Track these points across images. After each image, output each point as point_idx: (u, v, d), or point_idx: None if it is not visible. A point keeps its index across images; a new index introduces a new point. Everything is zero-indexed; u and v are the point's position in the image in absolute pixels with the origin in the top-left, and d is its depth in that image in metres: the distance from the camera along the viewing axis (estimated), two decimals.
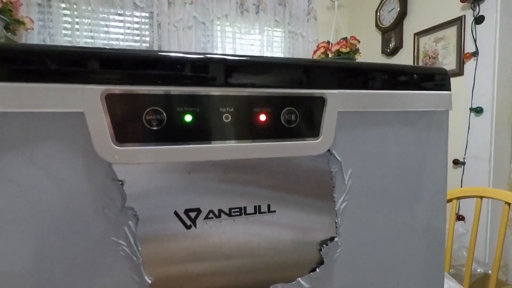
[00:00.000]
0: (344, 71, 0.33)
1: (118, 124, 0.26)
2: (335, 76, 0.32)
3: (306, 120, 0.31)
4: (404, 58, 2.02)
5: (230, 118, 0.28)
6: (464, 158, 1.67)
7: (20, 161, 0.24)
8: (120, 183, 0.26)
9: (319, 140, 0.31)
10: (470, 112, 1.64)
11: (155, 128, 0.26)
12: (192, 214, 0.29)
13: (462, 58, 1.66)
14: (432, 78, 0.36)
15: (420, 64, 1.91)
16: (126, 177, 0.27)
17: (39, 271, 0.25)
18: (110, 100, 0.25)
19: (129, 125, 0.26)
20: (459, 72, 1.68)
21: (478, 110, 1.61)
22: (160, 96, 0.27)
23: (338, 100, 0.32)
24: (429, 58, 1.85)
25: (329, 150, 0.32)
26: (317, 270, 0.32)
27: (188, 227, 0.29)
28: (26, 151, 0.24)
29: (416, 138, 0.35)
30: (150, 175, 0.27)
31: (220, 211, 0.29)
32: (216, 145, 0.28)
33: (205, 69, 0.28)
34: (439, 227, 0.38)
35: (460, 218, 1.65)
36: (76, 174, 0.25)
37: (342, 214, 0.33)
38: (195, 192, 0.28)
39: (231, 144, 0.28)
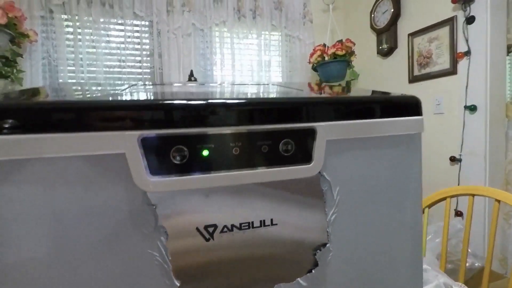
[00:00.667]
0: (331, 105, 0.39)
1: (152, 161, 0.32)
2: (323, 110, 0.39)
3: (300, 149, 0.38)
4: (399, 58, 2.07)
5: (238, 151, 0.35)
6: (460, 155, 1.73)
7: (77, 193, 0.31)
8: (154, 207, 0.33)
9: (311, 164, 0.38)
10: (465, 110, 1.69)
11: (179, 163, 0.33)
12: (210, 229, 0.35)
13: (455, 57, 1.71)
14: (406, 106, 0.43)
15: (415, 64, 1.96)
16: (158, 202, 0.33)
17: (93, 277, 0.32)
18: (145, 142, 0.32)
19: (160, 161, 0.33)
20: (453, 71, 1.74)
21: (472, 108, 1.67)
22: (183, 136, 0.33)
23: (326, 131, 0.38)
24: (424, 58, 1.90)
25: (319, 172, 0.39)
26: (313, 271, 0.39)
27: (207, 240, 0.35)
28: (81, 186, 0.31)
29: (393, 158, 0.42)
30: (177, 199, 0.34)
31: (232, 226, 0.36)
32: (228, 173, 0.35)
33: (218, 112, 0.35)
34: (416, 232, 0.45)
35: (458, 214, 1.71)
36: (119, 201, 0.32)
37: (333, 224, 0.40)
38: (212, 211, 0.35)
39: (240, 172, 0.35)
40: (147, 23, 2.02)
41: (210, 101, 0.35)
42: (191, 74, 1.91)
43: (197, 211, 0.35)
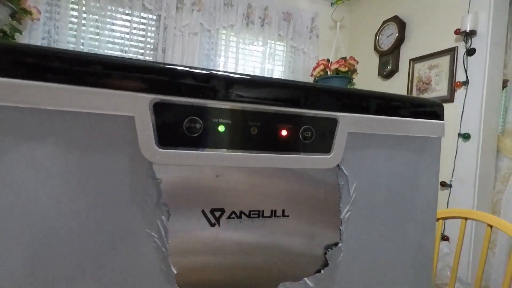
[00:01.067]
0: (355, 97, 0.37)
1: (162, 129, 0.29)
2: (347, 101, 0.37)
3: (320, 138, 0.35)
4: (399, 81, 2.11)
5: (257, 131, 0.32)
6: (451, 180, 1.74)
7: (75, 153, 0.27)
8: (158, 181, 0.30)
9: (330, 155, 0.35)
10: (458, 138, 1.72)
11: (192, 135, 0.30)
12: (217, 214, 0.32)
13: (453, 86, 1.75)
14: (429, 108, 0.41)
15: (414, 88, 2.00)
16: (164, 176, 0.30)
17: (80, 251, 0.28)
18: (157, 108, 0.29)
19: (171, 131, 0.30)
20: (450, 99, 1.78)
21: (466, 136, 1.70)
22: (199, 107, 0.30)
23: (348, 122, 0.36)
24: (423, 83, 1.94)
25: (338, 165, 0.36)
26: (322, 271, 0.36)
27: (212, 225, 0.32)
28: (79, 145, 0.27)
29: (413, 159, 0.40)
30: (184, 176, 0.31)
31: (241, 212, 0.33)
32: (243, 153, 0.32)
33: (240, 87, 0.32)
34: (428, 241, 0.42)
35: (445, 238, 1.71)
36: (121, 169, 0.29)
37: (346, 223, 0.37)
38: (221, 194, 0.32)
39: (256, 154, 0.32)
40: (154, 17, 2.00)
41: (233, 75, 0.32)
42: None
43: (205, 192, 0.32)
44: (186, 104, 0.30)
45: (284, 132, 0.34)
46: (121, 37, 1.94)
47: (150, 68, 0.29)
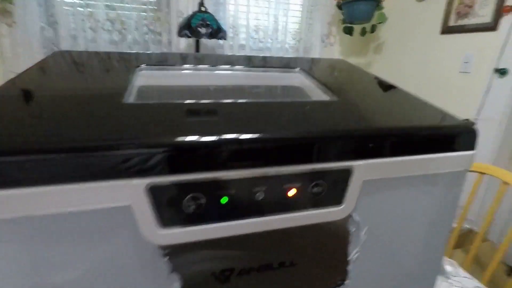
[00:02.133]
0: (373, 139, 0.33)
1: (162, 211, 0.28)
2: (363, 146, 0.32)
3: (332, 190, 0.33)
4: (436, 4, 1.80)
5: (262, 196, 0.30)
6: (476, 119, 1.64)
7: (82, 250, 0.27)
8: (167, 258, 0.30)
9: (342, 207, 0.33)
10: (494, 73, 1.55)
11: (194, 212, 0.29)
12: (227, 273, 0.33)
13: (500, 11, 1.48)
14: (459, 138, 0.36)
15: (452, 13, 1.71)
16: (171, 252, 0.30)
17: None
18: (154, 191, 0.27)
19: (171, 211, 0.28)
20: (493, 26, 1.52)
21: (502, 72, 1.52)
22: (199, 183, 0.28)
23: (364, 170, 0.33)
24: (465, 6, 1.65)
25: (350, 214, 0.35)
26: None
27: (222, 282, 0.34)
28: (84, 244, 0.27)
29: (432, 197, 0.37)
30: (192, 248, 0.31)
31: (250, 268, 0.34)
32: (250, 220, 0.31)
33: (239, 153, 0.29)
34: (435, 271, 0.43)
35: None
36: (128, 257, 0.29)
37: (354, 263, 0.38)
38: (230, 255, 0.32)
39: (263, 218, 0.31)
40: None
41: (229, 137, 0.28)
42: (202, 4, 1.67)
43: (213, 257, 0.32)
44: (185, 183, 0.28)
45: (292, 192, 0.31)
46: None
47: (142, 154, 0.26)
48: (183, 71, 0.52)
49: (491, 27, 1.53)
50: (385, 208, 0.36)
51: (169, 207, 0.28)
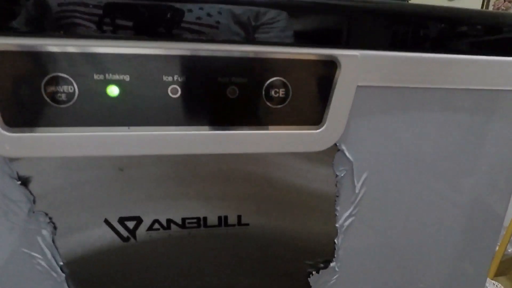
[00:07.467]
0: (375, 19, 0.20)
1: (5, 101, 0.17)
2: (357, 27, 0.20)
3: (302, 98, 0.20)
4: (468, 2, 1.64)
5: (179, 92, 0.18)
6: None
7: None
8: (20, 182, 0.19)
9: (321, 129, 0.20)
10: None
11: (61, 106, 0.18)
12: (130, 224, 0.21)
13: None
14: None
15: (490, 8, 1.54)
16: (32, 172, 0.19)
17: None
18: None
19: (21, 101, 0.17)
20: None
21: None
22: (66, 55, 0.17)
23: (358, 68, 0.20)
24: (504, 1, 1.47)
25: (335, 145, 0.21)
26: None
27: (125, 240, 0.21)
28: None
29: (472, 130, 0.23)
30: (67, 170, 0.19)
31: (169, 221, 0.21)
32: (157, 132, 0.19)
33: (139, 11, 0.17)
34: (489, 252, 0.27)
35: None
36: None
37: (345, 233, 0.24)
38: (131, 195, 0.20)
39: (182, 131, 0.19)
40: None
41: None
42: None
43: (103, 193, 0.20)
44: (40, 51, 0.17)
45: (231, 92, 0.19)
46: None
47: None
48: None
49: None
50: (397, 143, 0.22)
51: (18, 94, 0.17)
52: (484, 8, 1.56)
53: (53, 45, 0.17)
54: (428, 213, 0.25)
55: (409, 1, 1.41)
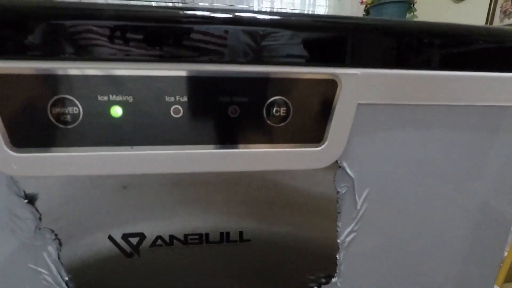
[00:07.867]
0: (375, 37, 0.20)
1: (12, 122, 0.18)
2: (357, 45, 0.20)
3: (302, 116, 0.20)
4: (477, 3, 1.62)
5: (181, 112, 0.19)
6: None
7: None
8: (27, 200, 0.19)
9: (322, 147, 0.20)
10: None
11: (66, 127, 0.18)
12: (133, 240, 0.21)
13: None
14: None
15: (497, 11, 1.52)
16: (38, 190, 0.19)
17: None
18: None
19: (28, 123, 0.18)
20: None
21: None
22: (71, 77, 0.17)
23: (359, 86, 0.20)
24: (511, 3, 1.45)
25: (336, 162, 0.21)
26: None
27: (129, 255, 0.22)
28: None
29: (475, 147, 0.23)
30: (72, 188, 0.20)
31: (172, 237, 0.22)
32: (160, 151, 0.19)
33: (144, 30, 0.18)
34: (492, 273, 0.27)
35: None
36: None
37: (347, 249, 0.24)
38: (135, 212, 0.21)
39: (184, 150, 0.19)
40: None
41: (125, 9, 0.18)
42: None
43: (108, 211, 0.21)
44: (46, 74, 0.17)
45: (233, 111, 0.19)
46: None
47: None
48: None
49: None
50: (400, 159, 0.22)
51: (25, 116, 0.18)
52: (491, 10, 1.54)
53: (58, 68, 0.17)
54: (430, 231, 0.25)
55: (415, 4, 1.39)
